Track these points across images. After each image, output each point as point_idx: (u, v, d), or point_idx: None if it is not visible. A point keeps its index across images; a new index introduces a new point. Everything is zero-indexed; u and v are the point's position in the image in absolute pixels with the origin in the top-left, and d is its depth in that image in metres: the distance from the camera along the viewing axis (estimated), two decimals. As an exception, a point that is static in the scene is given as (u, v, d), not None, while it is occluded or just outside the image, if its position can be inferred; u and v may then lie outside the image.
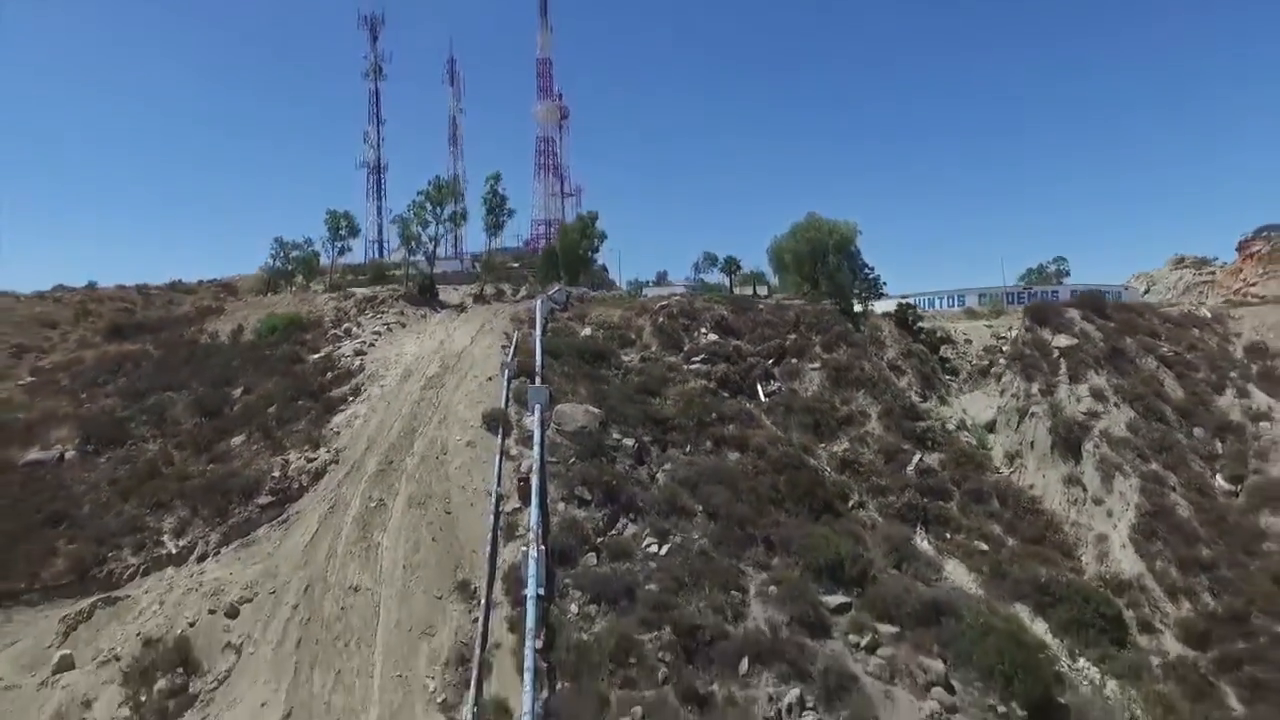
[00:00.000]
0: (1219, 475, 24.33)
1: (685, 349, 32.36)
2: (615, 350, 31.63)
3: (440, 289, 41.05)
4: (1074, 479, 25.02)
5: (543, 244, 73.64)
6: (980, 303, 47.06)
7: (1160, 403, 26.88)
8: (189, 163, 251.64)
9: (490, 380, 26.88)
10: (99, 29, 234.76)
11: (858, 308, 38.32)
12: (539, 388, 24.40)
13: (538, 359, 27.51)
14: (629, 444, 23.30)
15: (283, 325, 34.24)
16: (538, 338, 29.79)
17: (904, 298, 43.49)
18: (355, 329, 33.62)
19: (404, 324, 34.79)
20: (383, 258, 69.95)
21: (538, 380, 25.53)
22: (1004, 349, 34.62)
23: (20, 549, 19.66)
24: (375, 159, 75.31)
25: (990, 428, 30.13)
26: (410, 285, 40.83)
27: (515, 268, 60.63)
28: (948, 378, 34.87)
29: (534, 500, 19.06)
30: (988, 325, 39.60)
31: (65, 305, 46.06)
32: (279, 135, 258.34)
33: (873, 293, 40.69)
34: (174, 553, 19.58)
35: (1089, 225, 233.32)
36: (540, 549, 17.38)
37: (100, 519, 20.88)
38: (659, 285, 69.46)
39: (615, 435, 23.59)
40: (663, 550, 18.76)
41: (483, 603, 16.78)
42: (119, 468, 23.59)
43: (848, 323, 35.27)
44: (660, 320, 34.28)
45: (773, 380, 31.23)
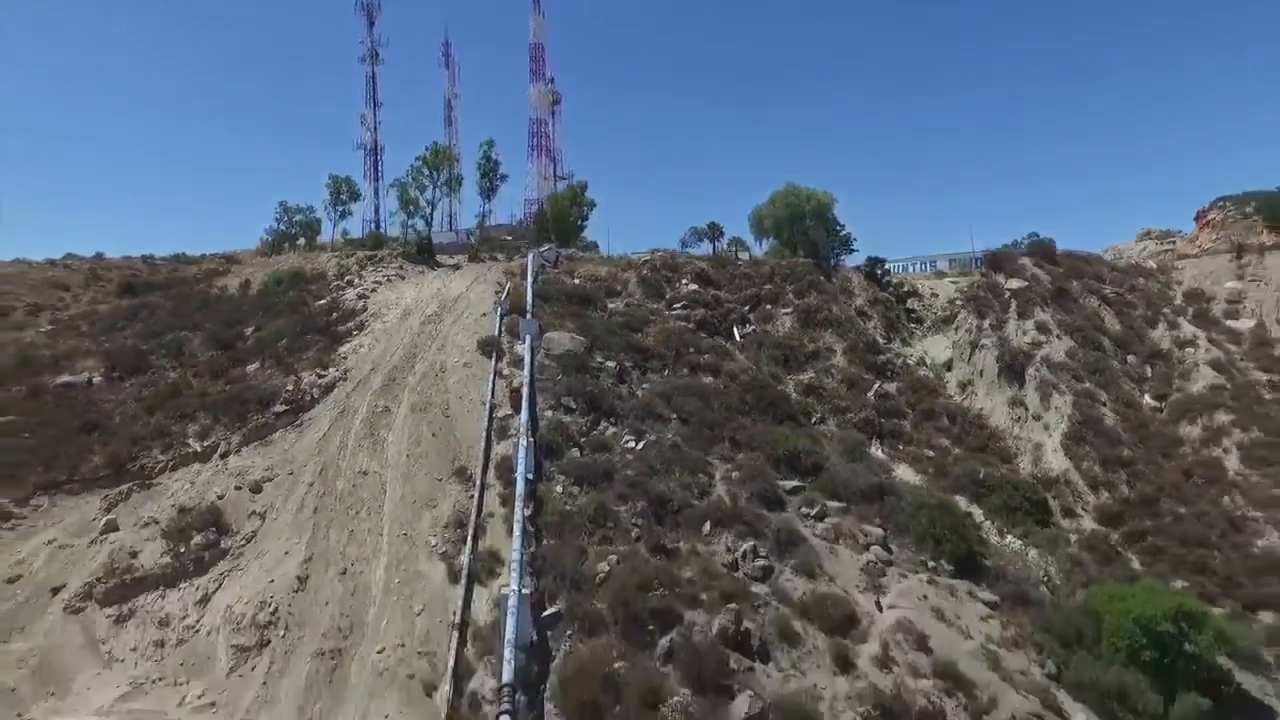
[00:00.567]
0: (1147, 394, 26.71)
1: (667, 297, 34.63)
2: (602, 297, 33.83)
3: (437, 256, 43.00)
4: (1018, 400, 27.36)
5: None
6: (950, 267, 49.47)
7: (1098, 334, 29.26)
8: (189, 146, 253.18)
9: (484, 317, 29.18)
10: (98, 21, 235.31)
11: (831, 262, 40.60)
12: (530, 320, 26.72)
13: (529, 299, 29.77)
14: (611, 366, 25.55)
15: (289, 277, 36.30)
16: (529, 284, 32.02)
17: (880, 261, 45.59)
18: (357, 280, 35.70)
19: (403, 276, 36.92)
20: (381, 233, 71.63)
21: (529, 315, 27.81)
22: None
23: (60, 450, 21.80)
24: (373, 141, 76.76)
25: (948, 366, 32.45)
26: (409, 246, 42.89)
27: (509, 240, 62.52)
28: (913, 325, 37.21)
29: (524, 405, 21.36)
30: (953, 283, 41.95)
31: (75, 271, 47.90)
32: (278, 119, 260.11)
33: (844, 248, 42.93)
34: (199, 451, 21.77)
35: (1064, 203, 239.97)
36: (529, 440, 19.65)
37: (130, 428, 23.01)
38: (648, 258, 71.26)
39: (599, 359, 25.84)
40: (639, 446, 21.01)
41: (478, 483, 19.06)
42: (144, 390, 25.73)
43: (820, 275, 37.57)
44: (644, 273, 36.50)
45: (748, 324, 33.54)
